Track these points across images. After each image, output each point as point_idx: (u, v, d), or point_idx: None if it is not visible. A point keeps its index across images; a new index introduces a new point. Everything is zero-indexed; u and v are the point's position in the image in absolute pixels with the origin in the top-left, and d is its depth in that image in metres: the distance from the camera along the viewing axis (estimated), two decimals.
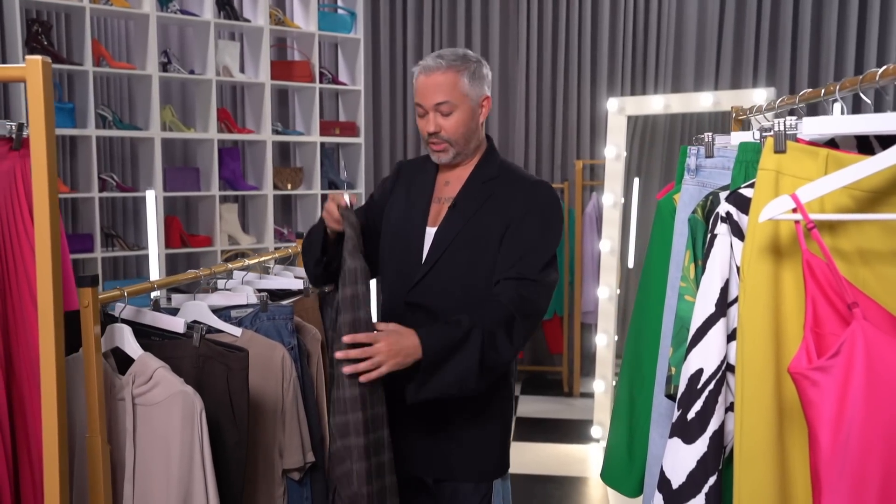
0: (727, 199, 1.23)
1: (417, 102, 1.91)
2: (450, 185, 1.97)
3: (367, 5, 5.20)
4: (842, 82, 1.27)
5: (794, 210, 1.03)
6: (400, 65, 5.40)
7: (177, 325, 1.57)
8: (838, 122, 1.08)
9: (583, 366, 5.18)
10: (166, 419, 1.42)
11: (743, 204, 1.22)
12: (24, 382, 1.26)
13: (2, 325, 1.27)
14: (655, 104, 4.17)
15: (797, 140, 1.15)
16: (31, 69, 1.04)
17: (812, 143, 1.17)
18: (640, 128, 4.86)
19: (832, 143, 1.22)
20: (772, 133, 1.12)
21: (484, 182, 1.91)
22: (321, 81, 4.85)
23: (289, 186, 4.87)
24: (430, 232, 1.93)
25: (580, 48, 5.26)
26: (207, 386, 1.49)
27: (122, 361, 1.54)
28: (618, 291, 4.32)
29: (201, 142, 4.54)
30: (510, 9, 5.32)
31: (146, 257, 4.32)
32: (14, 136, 1.28)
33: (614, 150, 4.23)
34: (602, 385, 4.29)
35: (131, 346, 1.49)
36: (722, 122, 4.70)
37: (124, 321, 1.53)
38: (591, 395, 4.54)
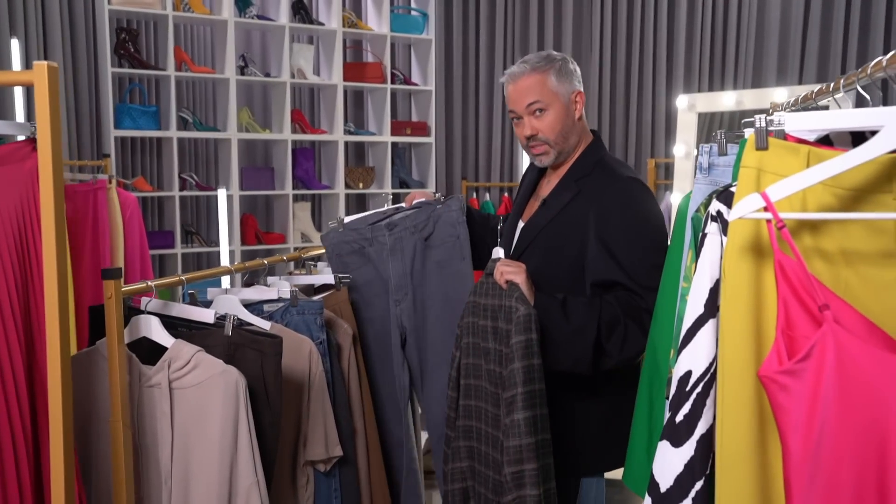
0: (717, 198, 1.20)
1: (511, 109, 1.92)
2: (550, 183, 1.99)
3: (440, 6, 5.24)
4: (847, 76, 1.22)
5: (765, 209, 1.00)
6: (472, 65, 5.42)
7: (207, 315, 1.64)
8: (820, 117, 1.04)
9: None
10: (206, 398, 1.50)
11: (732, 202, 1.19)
12: (47, 378, 1.35)
13: (23, 322, 1.36)
14: (727, 101, 4.05)
15: (786, 137, 1.11)
16: (38, 73, 1.13)
17: (801, 140, 1.12)
18: (715, 125, 4.71)
19: (827, 141, 1.18)
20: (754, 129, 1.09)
21: (577, 179, 1.90)
22: (393, 82, 4.94)
23: (360, 185, 4.98)
24: (521, 226, 1.98)
25: (655, 44, 5.14)
26: (240, 371, 1.56)
27: (145, 354, 1.62)
28: None
29: (276, 142, 4.71)
30: (583, 6, 5.26)
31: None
32: (36, 136, 1.37)
33: (683, 149, 4.12)
34: None
35: (160, 335, 1.57)
36: None
37: (150, 313, 1.61)
38: None
